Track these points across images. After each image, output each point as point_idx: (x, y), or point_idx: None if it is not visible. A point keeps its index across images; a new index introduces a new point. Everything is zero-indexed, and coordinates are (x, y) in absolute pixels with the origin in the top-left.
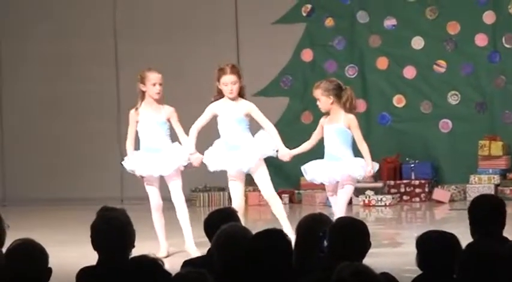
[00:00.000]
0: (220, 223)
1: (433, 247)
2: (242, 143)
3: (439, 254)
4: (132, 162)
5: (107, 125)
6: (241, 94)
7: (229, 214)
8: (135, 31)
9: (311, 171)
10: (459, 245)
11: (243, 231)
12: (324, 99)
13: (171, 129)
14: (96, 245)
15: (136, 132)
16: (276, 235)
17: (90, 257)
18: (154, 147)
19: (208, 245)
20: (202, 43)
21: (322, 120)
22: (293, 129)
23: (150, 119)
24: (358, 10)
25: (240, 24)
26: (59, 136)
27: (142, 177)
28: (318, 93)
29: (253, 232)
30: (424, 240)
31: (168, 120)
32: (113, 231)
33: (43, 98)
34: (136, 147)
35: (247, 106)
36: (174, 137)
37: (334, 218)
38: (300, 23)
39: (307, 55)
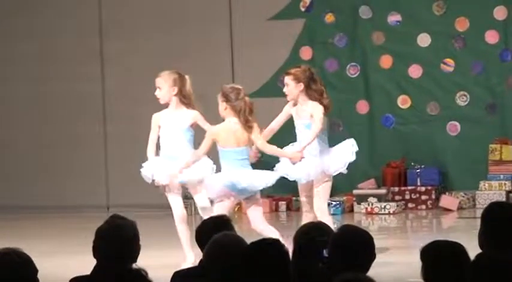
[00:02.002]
0: (213, 232)
1: (439, 258)
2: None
3: (446, 266)
4: (151, 169)
5: (92, 129)
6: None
7: (222, 222)
8: (122, 29)
9: (284, 168)
10: (467, 256)
11: (236, 241)
12: (292, 86)
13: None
14: (97, 251)
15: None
16: (272, 244)
17: (74, 267)
18: (173, 154)
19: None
20: (194, 41)
21: (289, 108)
22: (291, 132)
23: (170, 124)
24: (361, 5)
25: (234, 20)
26: (41, 140)
27: (160, 186)
28: (287, 78)
29: (248, 241)
30: (429, 251)
31: (193, 125)
32: (119, 241)
33: (24, 99)
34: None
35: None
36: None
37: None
38: (298, 18)
39: (306, 53)
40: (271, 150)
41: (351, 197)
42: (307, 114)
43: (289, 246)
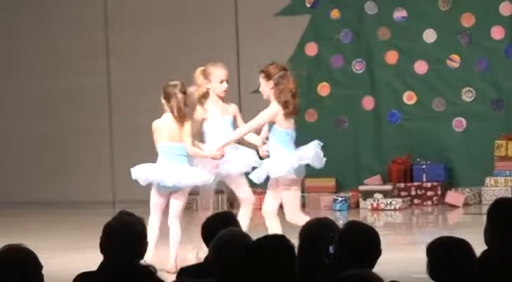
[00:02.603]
0: (218, 228)
1: (445, 255)
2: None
3: (451, 262)
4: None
5: (98, 124)
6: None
7: (227, 218)
8: (128, 23)
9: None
10: (473, 253)
11: (242, 237)
12: (263, 83)
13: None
14: (104, 248)
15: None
16: (278, 240)
17: (79, 264)
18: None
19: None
20: (199, 36)
21: None
22: (296, 128)
23: (217, 118)
24: (366, 1)
25: (240, 16)
26: (46, 134)
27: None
28: (260, 76)
29: (253, 237)
30: (435, 247)
31: (234, 118)
32: (126, 237)
33: (30, 93)
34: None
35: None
36: None
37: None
38: (303, 14)
39: (311, 49)
40: (193, 151)
41: (357, 193)
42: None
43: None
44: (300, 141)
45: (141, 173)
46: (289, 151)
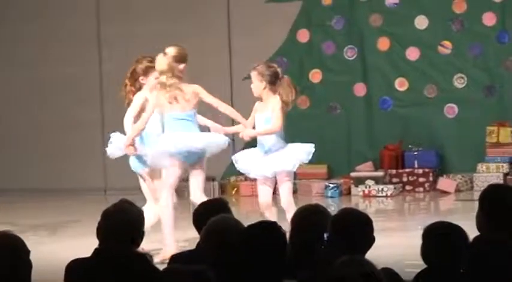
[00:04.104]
0: (210, 215)
1: (441, 239)
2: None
3: (446, 247)
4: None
5: (89, 111)
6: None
7: (219, 205)
8: (119, 12)
9: (243, 162)
10: (467, 239)
11: (234, 223)
12: (256, 83)
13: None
14: (101, 233)
15: None
16: (270, 227)
17: (72, 251)
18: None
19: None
20: (191, 25)
21: (257, 104)
22: (289, 115)
23: None
24: None
25: (231, 3)
26: (37, 124)
27: None
28: (253, 75)
29: (245, 224)
30: (431, 231)
31: None
32: (123, 223)
33: (21, 82)
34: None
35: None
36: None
37: (288, 215)
38: (295, 1)
39: (303, 36)
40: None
41: (349, 180)
42: (268, 109)
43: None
44: (293, 128)
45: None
46: (283, 145)
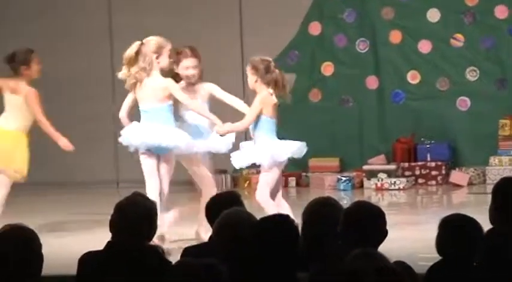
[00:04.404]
0: (222, 208)
1: (457, 231)
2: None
3: (462, 239)
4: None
5: (101, 104)
6: (200, 78)
7: (232, 198)
8: (131, 5)
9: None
10: (482, 232)
11: (246, 216)
12: (249, 77)
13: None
14: (114, 226)
15: None
16: (283, 220)
17: (85, 243)
18: None
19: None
20: (203, 17)
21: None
22: (300, 107)
23: None
24: None
25: None
26: (49, 116)
27: None
28: (247, 68)
29: (257, 217)
30: (448, 223)
31: None
32: (136, 217)
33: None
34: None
35: (208, 87)
36: None
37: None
38: None
39: (315, 28)
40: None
41: (361, 173)
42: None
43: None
44: (305, 120)
45: None
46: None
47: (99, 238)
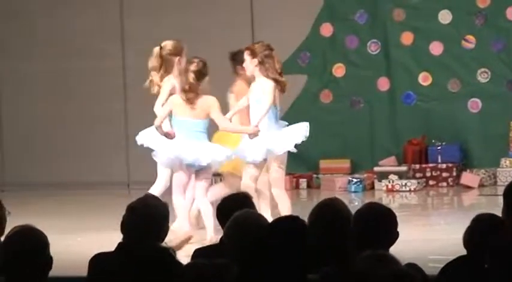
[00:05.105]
0: (233, 209)
1: (488, 229)
2: None
3: (488, 238)
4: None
5: (113, 105)
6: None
7: (243, 200)
8: (143, 6)
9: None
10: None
11: (257, 218)
12: (248, 61)
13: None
14: (126, 227)
15: None
16: (294, 222)
17: (95, 244)
18: None
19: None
20: (214, 18)
21: (252, 84)
22: (311, 109)
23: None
24: None
25: None
26: (60, 117)
27: None
28: (245, 54)
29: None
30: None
31: None
32: (148, 218)
33: (45, 76)
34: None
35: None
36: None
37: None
38: None
39: (326, 30)
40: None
41: (372, 175)
42: (259, 90)
43: None
44: (316, 122)
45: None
46: (276, 126)
47: (109, 239)
